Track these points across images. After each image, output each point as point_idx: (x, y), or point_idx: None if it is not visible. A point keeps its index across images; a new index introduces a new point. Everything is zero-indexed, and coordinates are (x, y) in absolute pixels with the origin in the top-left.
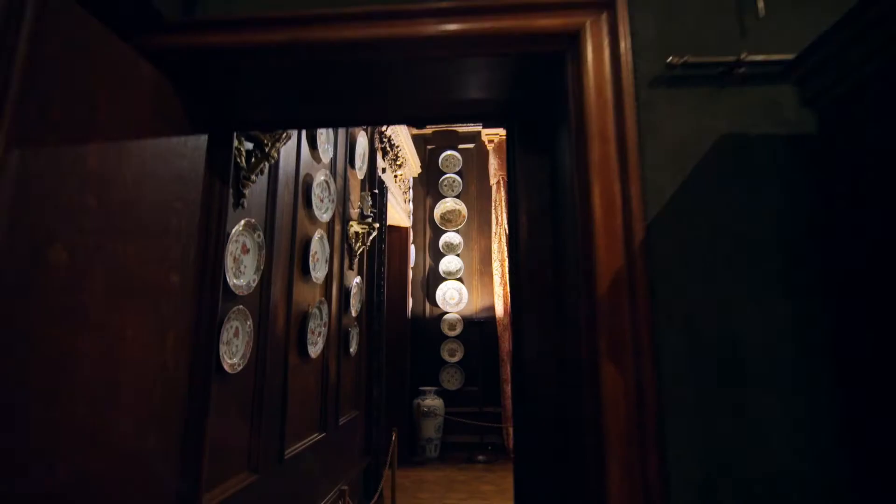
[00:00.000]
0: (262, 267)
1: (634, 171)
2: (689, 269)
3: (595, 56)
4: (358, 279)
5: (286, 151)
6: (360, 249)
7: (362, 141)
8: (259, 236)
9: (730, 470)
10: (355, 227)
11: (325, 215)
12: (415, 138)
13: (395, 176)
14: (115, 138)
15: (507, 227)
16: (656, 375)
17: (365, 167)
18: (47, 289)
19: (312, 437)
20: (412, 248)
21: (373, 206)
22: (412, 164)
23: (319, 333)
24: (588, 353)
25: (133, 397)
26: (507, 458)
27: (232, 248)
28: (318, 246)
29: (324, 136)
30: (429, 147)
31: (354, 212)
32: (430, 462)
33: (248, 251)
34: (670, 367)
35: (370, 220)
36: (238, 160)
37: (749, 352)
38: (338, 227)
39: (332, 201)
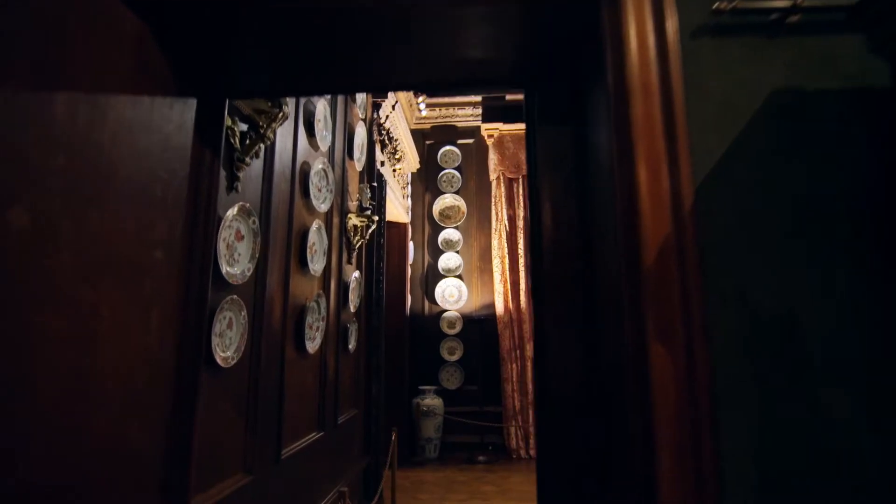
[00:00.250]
0: (257, 255)
1: (682, 129)
2: (741, 238)
3: None
4: (356, 274)
5: (282, 138)
6: (359, 243)
7: (361, 131)
8: (254, 223)
9: (789, 464)
10: (354, 220)
11: (323, 205)
12: (413, 134)
13: (394, 170)
14: (90, 90)
15: (507, 222)
16: (710, 356)
17: (363, 159)
18: (5, 255)
19: (311, 436)
20: (411, 245)
21: (372, 198)
22: (411, 159)
23: (317, 328)
24: (633, 335)
25: (111, 383)
26: (507, 459)
27: (225, 234)
28: (316, 237)
29: (321, 122)
30: (427, 142)
31: (353, 204)
32: (430, 462)
33: (242, 238)
34: (723, 347)
35: (369, 212)
36: (232, 140)
37: (811, 330)
38: (336, 220)
39: (331, 192)
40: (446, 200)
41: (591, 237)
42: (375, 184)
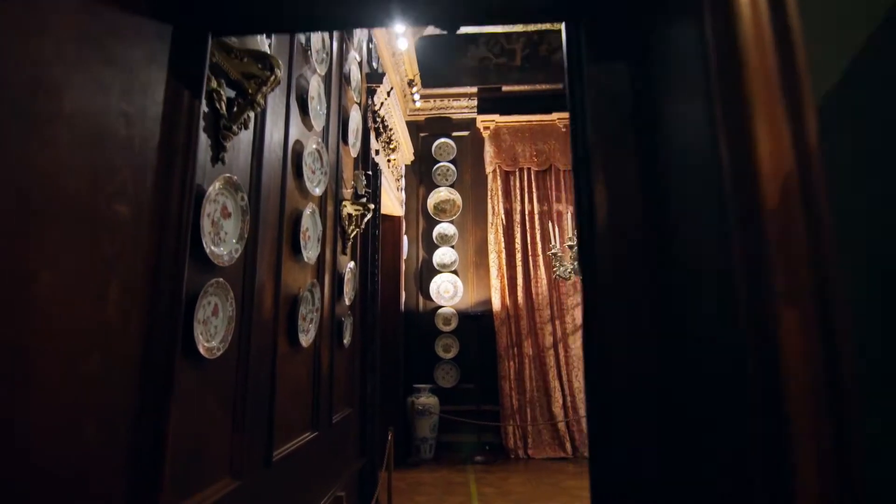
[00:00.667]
0: (246, 236)
1: (796, 33)
2: (872, 176)
3: None
4: (351, 264)
5: (274, 114)
6: (354, 233)
7: (356, 115)
8: (243, 199)
9: None
10: (348, 209)
11: (317, 189)
12: (408, 126)
13: (389, 160)
14: None
15: (503, 216)
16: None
17: (358, 145)
18: None
19: (304, 436)
20: (405, 240)
21: (367, 186)
22: (405, 150)
23: (311, 320)
24: (751, 305)
25: (55, 368)
26: (505, 459)
27: (210, 209)
28: (310, 222)
29: (315, 100)
30: (421, 134)
31: (348, 192)
32: (426, 463)
33: (229, 215)
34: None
35: (364, 200)
36: (217, 105)
37: None
38: (330, 207)
39: (325, 175)
40: (441, 194)
41: (662, 198)
42: (370, 172)
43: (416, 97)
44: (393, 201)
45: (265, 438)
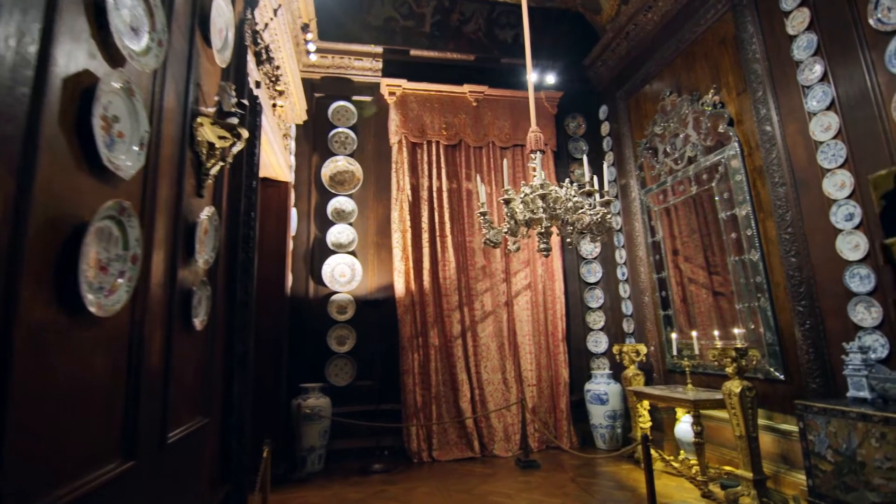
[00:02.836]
0: None
1: None
2: None
3: None
4: (209, 211)
5: None
6: (215, 168)
7: (224, 8)
8: None
9: None
10: (207, 132)
11: (133, 45)
12: (302, 83)
13: (275, 105)
14: None
15: (409, 192)
16: None
17: (228, 54)
18: None
19: (103, 471)
20: (293, 213)
21: (239, 108)
22: (296, 103)
23: (118, 274)
24: None
25: None
26: (408, 464)
27: None
28: (122, 105)
29: None
30: (317, 95)
31: (209, 110)
32: (314, 477)
33: None
34: None
35: (236, 122)
36: None
37: None
38: (172, 109)
39: (158, 43)
40: (339, 164)
41: None
42: (247, 102)
43: (311, 47)
44: (279, 161)
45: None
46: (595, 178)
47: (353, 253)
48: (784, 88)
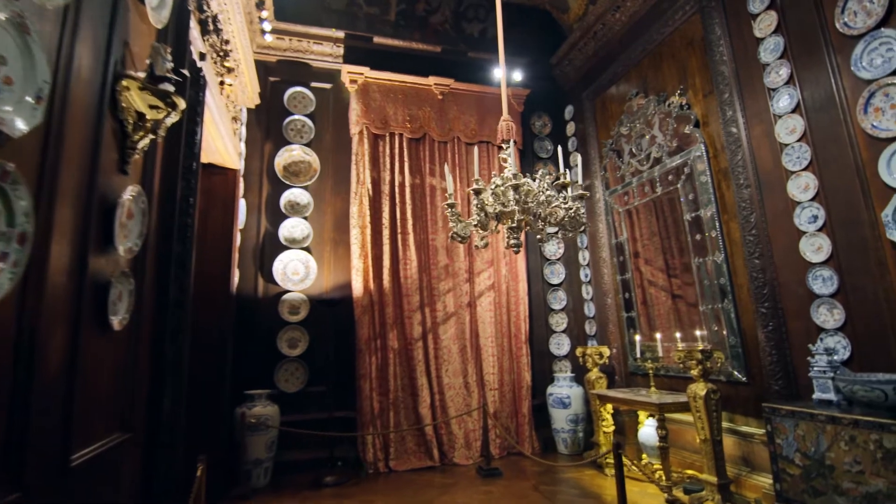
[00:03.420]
0: None
1: None
2: None
3: None
4: (134, 191)
5: None
6: (145, 143)
7: None
8: None
9: None
10: (136, 100)
11: None
12: (256, 65)
13: (223, 83)
14: None
15: (370, 186)
16: None
17: (166, 14)
18: None
19: None
20: (242, 204)
21: (174, 73)
22: (248, 85)
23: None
24: None
25: None
26: (362, 476)
27: None
28: (8, 39)
29: None
30: (271, 79)
31: (138, 74)
32: (259, 493)
33: None
34: None
35: (171, 90)
36: None
37: None
38: (88, 66)
39: None
40: (294, 153)
41: None
42: (187, 73)
43: (267, 27)
44: (227, 146)
45: None
46: (569, 171)
47: (307, 249)
48: (750, 91)
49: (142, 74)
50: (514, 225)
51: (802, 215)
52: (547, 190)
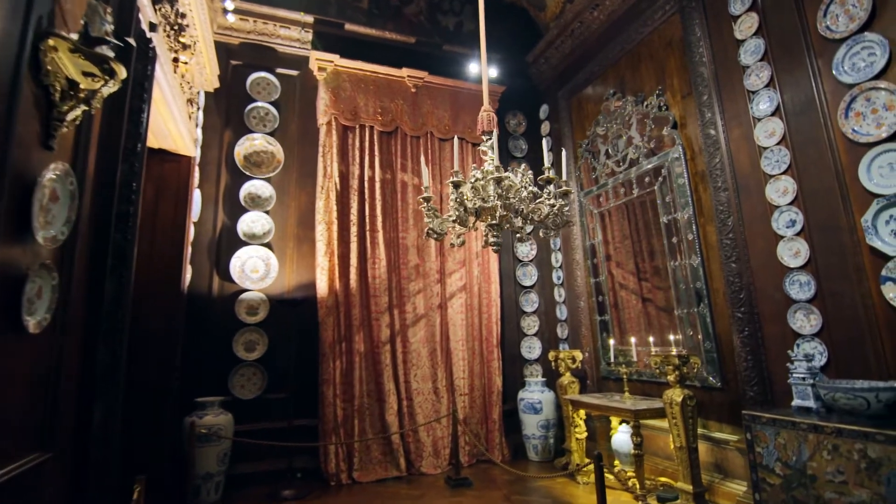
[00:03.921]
0: None
1: None
2: None
3: None
4: (60, 170)
5: None
6: (75, 115)
7: None
8: None
9: None
10: (65, 63)
11: None
12: (216, 46)
13: (177, 61)
14: None
15: (338, 180)
16: None
17: None
18: None
19: None
20: (197, 194)
21: (112, 35)
22: (207, 66)
23: None
24: None
25: None
26: (324, 487)
27: None
28: None
29: None
30: (233, 62)
31: (70, 35)
32: None
33: None
34: None
35: (110, 56)
36: None
37: None
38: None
39: None
40: (256, 143)
41: None
42: (133, 42)
43: (229, 5)
44: (181, 130)
45: None
46: (552, 167)
47: (268, 245)
48: (730, 93)
49: (75, 36)
50: (494, 222)
51: (780, 219)
52: (529, 186)
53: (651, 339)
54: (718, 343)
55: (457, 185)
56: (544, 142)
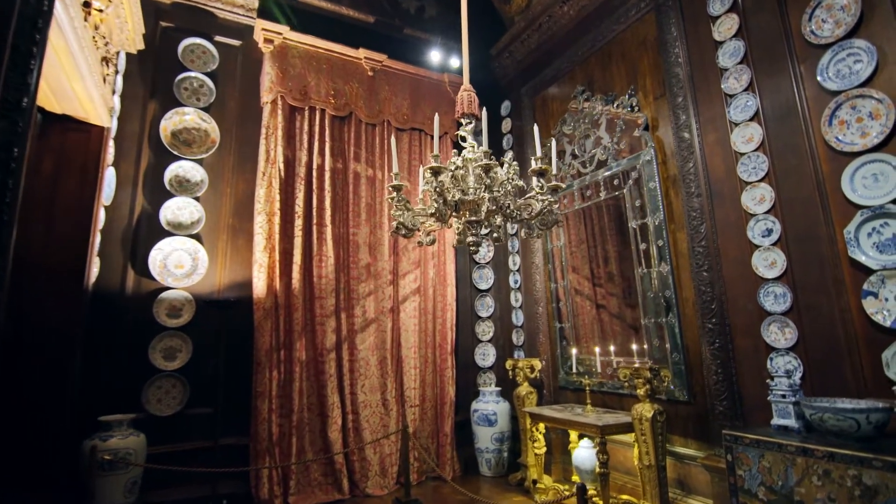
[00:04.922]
0: None
1: None
2: None
3: None
4: None
5: None
6: None
7: None
8: None
9: None
10: None
11: None
12: (142, 3)
13: (89, 7)
14: None
15: (282, 166)
16: None
17: None
18: None
19: None
20: (110, 173)
21: None
22: (129, 20)
23: None
24: None
25: None
26: None
27: None
28: None
29: None
30: (163, 24)
31: None
32: None
33: None
34: None
35: None
36: None
37: None
38: None
39: None
40: (187, 118)
41: None
42: None
43: None
44: (91, 93)
45: None
46: (543, 159)
47: (197, 237)
48: (706, 95)
49: None
50: (475, 218)
51: (756, 228)
52: (514, 178)
53: (612, 348)
54: (686, 355)
55: (436, 173)
56: (536, 130)
